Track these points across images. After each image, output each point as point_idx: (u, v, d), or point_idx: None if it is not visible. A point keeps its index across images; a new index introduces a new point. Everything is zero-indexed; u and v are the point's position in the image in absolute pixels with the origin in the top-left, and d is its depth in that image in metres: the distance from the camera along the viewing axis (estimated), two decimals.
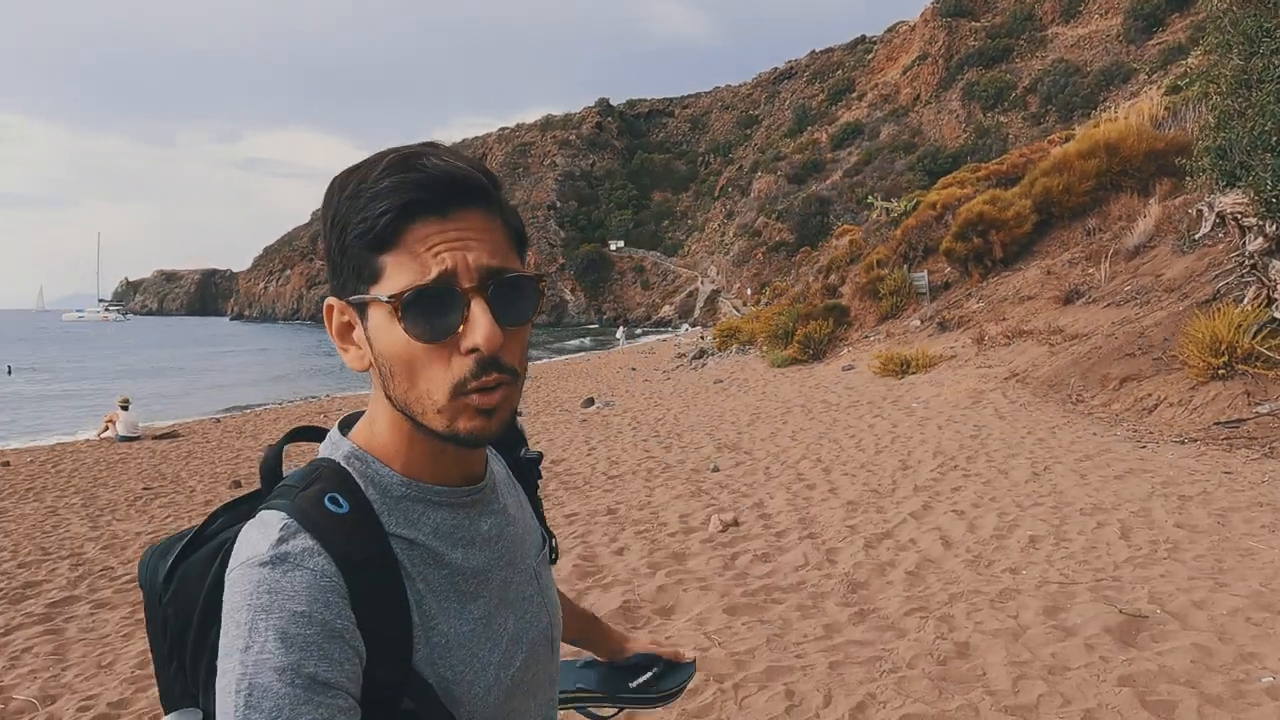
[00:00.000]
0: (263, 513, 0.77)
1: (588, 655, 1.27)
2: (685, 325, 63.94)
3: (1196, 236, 11.03)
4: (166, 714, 0.88)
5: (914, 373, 13.11)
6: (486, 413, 0.76)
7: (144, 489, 9.73)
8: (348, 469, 0.80)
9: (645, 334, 61.25)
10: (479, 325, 0.74)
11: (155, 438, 14.54)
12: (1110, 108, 29.31)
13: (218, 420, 17.90)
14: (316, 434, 0.91)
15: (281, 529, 0.73)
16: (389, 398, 0.79)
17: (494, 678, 0.82)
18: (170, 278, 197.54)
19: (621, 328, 53.86)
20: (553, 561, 1.01)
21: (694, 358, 24.46)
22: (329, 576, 0.72)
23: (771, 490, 6.94)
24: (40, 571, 6.38)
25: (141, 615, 0.92)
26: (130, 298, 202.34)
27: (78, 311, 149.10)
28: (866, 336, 17.90)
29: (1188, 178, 11.61)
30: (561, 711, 1.08)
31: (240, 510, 0.87)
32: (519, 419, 0.93)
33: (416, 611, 0.77)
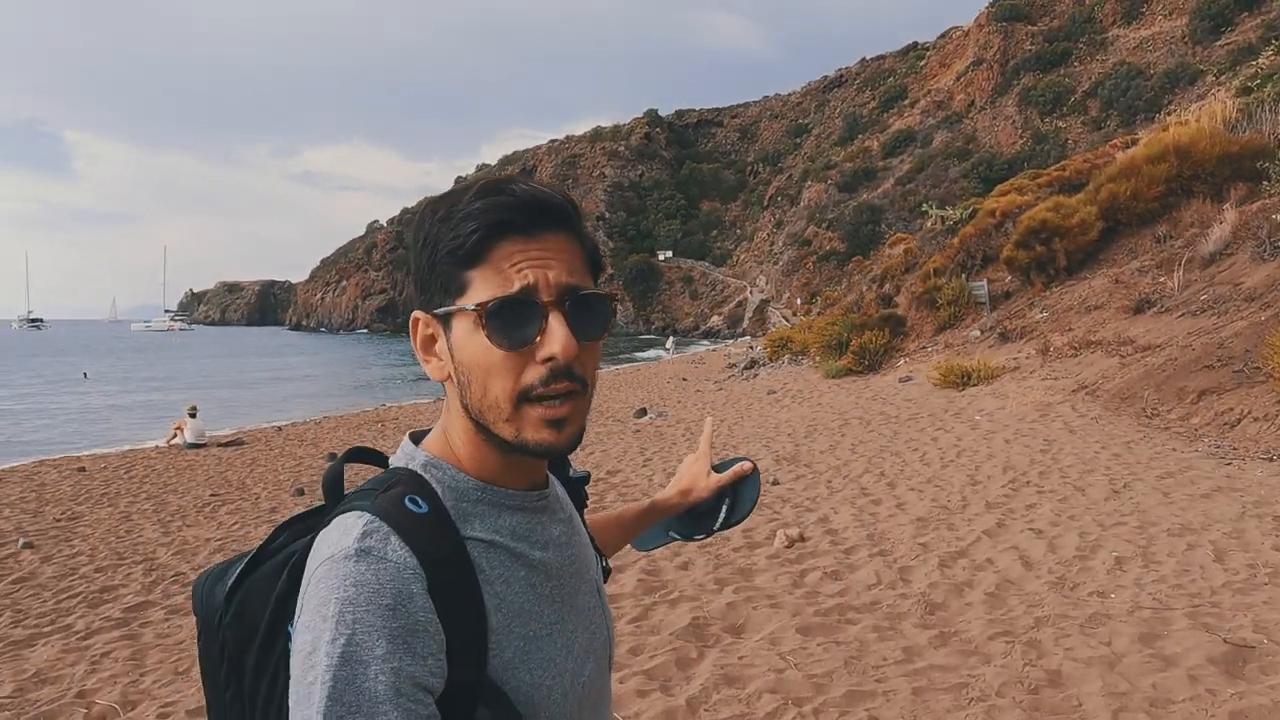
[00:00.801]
0: (341, 516, 0.78)
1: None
2: (735, 338, 63.45)
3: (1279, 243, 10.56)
4: None
5: (975, 384, 12.77)
6: (555, 424, 0.79)
7: (211, 495, 9.97)
8: (425, 476, 0.83)
9: (694, 343, 61.16)
10: (556, 336, 0.77)
11: (221, 445, 14.92)
12: (1176, 111, 28.38)
13: (279, 429, 18.28)
14: (375, 457, 0.92)
15: (365, 525, 0.75)
16: (465, 407, 0.82)
17: (569, 684, 0.83)
18: (232, 289, 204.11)
19: (671, 338, 53.90)
20: (605, 579, 1.03)
21: (745, 368, 24.27)
22: (412, 569, 0.73)
23: (835, 505, 6.79)
24: (116, 576, 6.56)
25: None
26: (194, 308, 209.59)
27: (145, 322, 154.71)
28: (924, 347, 17.54)
29: (1266, 181, 11.17)
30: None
31: (305, 524, 0.88)
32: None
33: (494, 615, 0.78)
